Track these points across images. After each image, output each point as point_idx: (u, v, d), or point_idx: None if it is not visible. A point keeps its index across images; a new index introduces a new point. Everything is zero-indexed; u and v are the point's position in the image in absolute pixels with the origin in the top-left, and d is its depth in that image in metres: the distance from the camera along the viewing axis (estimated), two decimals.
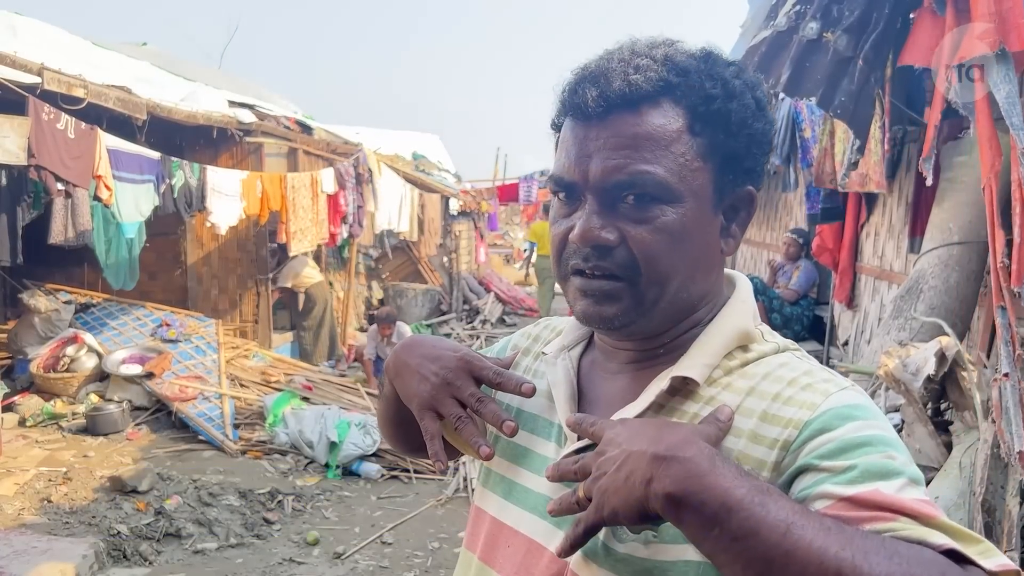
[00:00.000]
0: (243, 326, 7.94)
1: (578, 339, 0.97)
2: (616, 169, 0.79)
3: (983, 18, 2.46)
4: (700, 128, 0.80)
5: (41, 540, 4.01)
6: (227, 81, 10.24)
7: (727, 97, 0.81)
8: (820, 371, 0.81)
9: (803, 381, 0.79)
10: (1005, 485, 2.51)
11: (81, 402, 6.11)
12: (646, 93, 0.79)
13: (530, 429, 0.95)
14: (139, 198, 5.45)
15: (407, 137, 14.91)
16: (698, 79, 0.80)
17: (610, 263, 0.81)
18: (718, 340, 0.84)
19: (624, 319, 0.83)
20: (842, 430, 0.73)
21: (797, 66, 3.70)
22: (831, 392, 0.77)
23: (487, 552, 0.93)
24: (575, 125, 0.83)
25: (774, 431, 0.76)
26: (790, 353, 0.85)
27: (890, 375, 3.11)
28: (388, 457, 5.64)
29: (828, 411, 0.74)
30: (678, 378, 0.82)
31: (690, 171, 0.80)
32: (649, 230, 0.80)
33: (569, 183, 0.83)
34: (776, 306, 6.52)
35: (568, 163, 0.82)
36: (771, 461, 0.75)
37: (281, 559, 4.29)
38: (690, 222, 0.81)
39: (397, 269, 12.30)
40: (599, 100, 0.79)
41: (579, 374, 0.94)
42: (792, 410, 0.76)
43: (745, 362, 0.83)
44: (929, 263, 3.83)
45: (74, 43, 6.70)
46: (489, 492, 0.97)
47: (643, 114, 0.79)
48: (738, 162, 0.83)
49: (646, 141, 0.79)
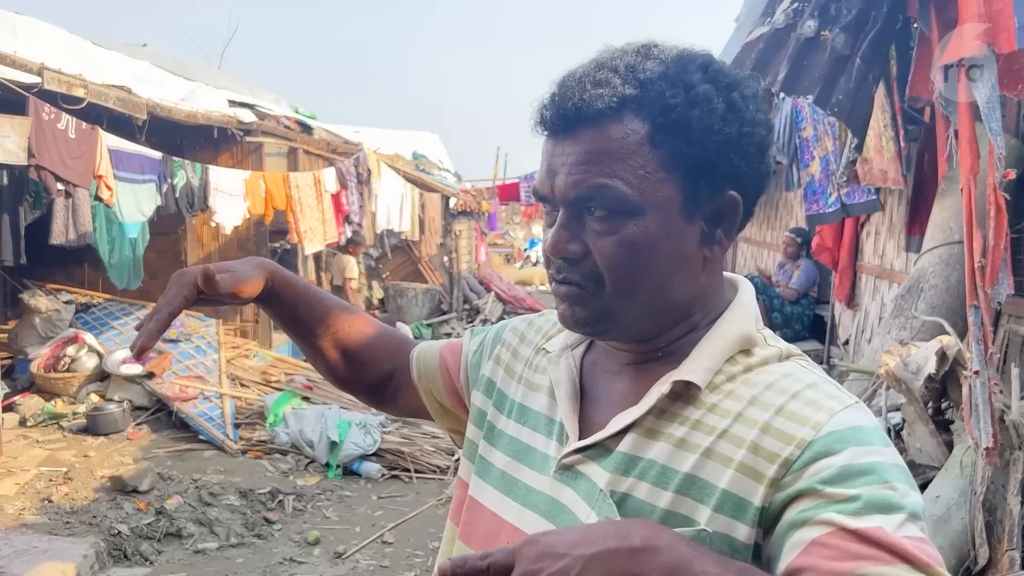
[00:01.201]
0: (243, 326, 7.95)
1: (581, 338, 0.97)
2: (576, 184, 0.80)
3: (973, 19, 2.46)
4: (661, 139, 0.79)
5: (42, 540, 4.01)
6: (227, 80, 10.24)
7: (688, 104, 0.79)
8: (824, 384, 0.81)
9: (807, 395, 0.78)
10: (1006, 484, 2.52)
11: (82, 402, 6.11)
12: (606, 108, 0.79)
13: (532, 426, 0.95)
14: (141, 198, 5.45)
15: (407, 136, 14.90)
16: (659, 88, 0.79)
17: (575, 274, 0.83)
18: (720, 344, 0.84)
19: (596, 326, 0.85)
20: (845, 455, 0.72)
21: (794, 64, 3.70)
22: (835, 411, 0.76)
23: (486, 547, 0.93)
24: (546, 140, 0.85)
25: (776, 445, 0.75)
26: (794, 361, 0.84)
27: (891, 374, 3.11)
28: (389, 457, 5.65)
29: (831, 432, 0.74)
30: (679, 382, 0.82)
31: (651, 183, 0.80)
32: (612, 242, 0.80)
33: (543, 196, 0.86)
34: (776, 305, 6.52)
35: (541, 177, 0.85)
36: (769, 476, 0.74)
37: (282, 559, 4.29)
38: (654, 234, 0.80)
39: (397, 268, 12.31)
40: (559, 117, 0.81)
41: (581, 373, 0.94)
42: (795, 427, 0.76)
43: (748, 367, 0.83)
44: (930, 262, 3.83)
45: (74, 43, 6.68)
46: (488, 484, 0.97)
47: (603, 128, 0.80)
48: (711, 168, 0.81)
49: (604, 156, 0.79)
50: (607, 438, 0.84)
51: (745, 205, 0.85)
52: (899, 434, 3.30)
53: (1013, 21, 2.41)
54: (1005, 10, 2.43)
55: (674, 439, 0.81)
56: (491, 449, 0.99)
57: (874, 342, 4.37)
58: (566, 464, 0.87)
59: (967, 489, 2.58)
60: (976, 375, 2.48)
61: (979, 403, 2.45)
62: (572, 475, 0.86)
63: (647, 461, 0.81)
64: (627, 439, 0.83)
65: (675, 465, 0.79)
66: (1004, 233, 2.49)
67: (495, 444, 0.98)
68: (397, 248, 11.95)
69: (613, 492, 0.81)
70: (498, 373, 1.04)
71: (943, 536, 2.51)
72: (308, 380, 7.00)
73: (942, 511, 2.57)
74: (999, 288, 2.58)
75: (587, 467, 0.85)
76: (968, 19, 2.48)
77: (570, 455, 0.87)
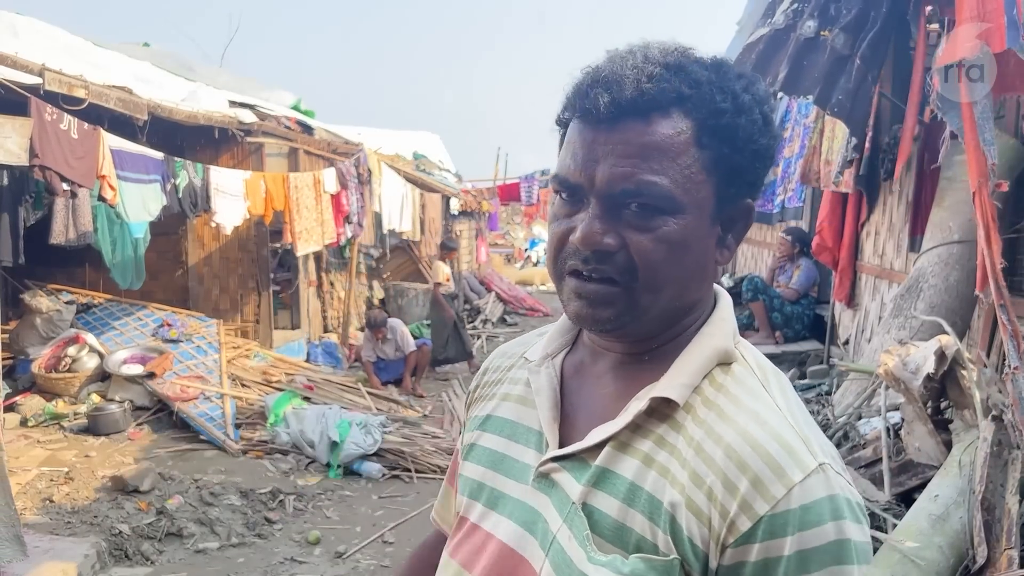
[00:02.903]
0: (244, 326, 7.96)
1: (562, 347, 0.97)
2: (623, 177, 0.79)
3: (970, 20, 2.46)
4: (707, 141, 0.80)
5: (43, 540, 4.02)
6: (228, 79, 10.25)
7: (736, 112, 0.81)
8: (789, 431, 0.78)
9: (770, 450, 0.76)
10: (1005, 483, 2.52)
11: (83, 402, 6.12)
12: (657, 103, 0.79)
13: (507, 435, 0.95)
14: (146, 198, 5.46)
15: (408, 137, 14.91)
16: (709, 92, 0.80)
17: (610, 267, 0.81)
18: (698, 360, 0.84)
19: (617, 323, 0.83)
20: (792, 540, 0.73)
21: (794, 64, 3.71)
22: (794, 483, 0.74)
23: (468, 557, 0.93)
24: (583, 128, 0.83)
25: (728, 499, 0.75)
26: (767, 397, 0.82)
27: (890, 374, 3.11)
28: (389, 456, 5.65)
29: (784, 512, 0.73)
30: (657, 399, 0.82)
31: (694, 183, 0.80)
32: (651, 239, 0.80)
33: (574, 185, 0.83)
34: (777, 305, 6.52)
35: (574, 166, 0.82)
36: (721, 537, 0.75)
37: (283, 558, 4.30)
38: (690, 233, 0.81)
39: (398, 269, 12.31)
40: (610, 106, 0.79)
41: (562, 378, 0.94)
42: (749, 487, 0.75)
43: (721, 388, 0.83)
44: (929, 262, 3.83)
45: (75, 43, 6.69)
46: (466, 498, 0.97)
47: (653, 123, 0.79)
48: (741, 176, 0.84)
49: (654, 151, 0.79)
50: (584, 450, 0.85)
51: None
52: (898, 433, 3.30)
53: (1003, 20, 2.41)
54: (996, 10, 2.43)
55: (645, 457, 0.81)
56: (466, 464, 0.99)
57: (874, 342, 4.38)
58: (543, 472, 0.87)
59: (966, 488, 2.59)
60: (1016, 370, 2.51)
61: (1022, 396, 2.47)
62: (548, 483, 0.86)
63: (618, 477, 0.81)
64: (602, 453, 0.83)
65: (643, 484, 0.80)
66: (996, 240, 2.53)
67: (470, 459, 0.99)
68: (398, 248, 11.96)
69: (584, 505, 0.82)
70: (475, 408, 1.04)
71: (942, 535, 2.51)
72: (309, 380, 7.01)
73: (941, 510, 2.57)
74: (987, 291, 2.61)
75: (561, 476, 0.85)
76: (965, 20, 2.48)
77: (547, 463, 0.87)
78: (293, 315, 8.61)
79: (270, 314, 8.06)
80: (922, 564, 2.41)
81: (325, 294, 9.36)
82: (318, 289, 9.17)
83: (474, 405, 1.05)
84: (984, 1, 2.43)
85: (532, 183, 16.72)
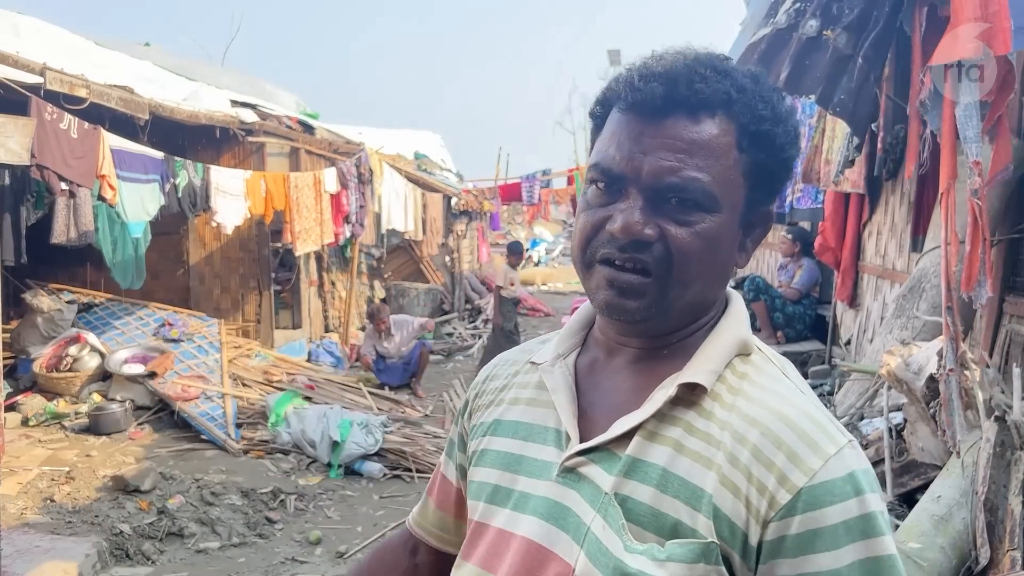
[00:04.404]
0: (245, 325, 7.96)
1: (572, 347, 0.98)
2: (670, 171, 0.81)
3: (969, 21, 2.45)
4: (747, 145, 0.84)
5: (44, 539, 4.02)
6: (230, 77, 10.25)
7: (774, 120, 0.85)
8: (817, 411, 0.82)
9: (803, 427, 0.79)
10: (1007, 484, 2.51)
11: (84, 401, 6.12)
12: (707, 103, 0.82)
13: (523, 437, 0.95)
14: (145, 197, 5.46)
15: (409, 136, 14.90)
16: (752, 99, 0.84)
17: (647, 256, 0.83)
18: (721, 349, 0.86)
19: (644, 314, 0.85)
20: (834, 510, 0.75)
21: (797, 64, 3.70)
22: (829, 455, 0.77)
23: (488, 559, 0.92)
24: (630, 119, 0.84)
25: (765, 475, 0.77)
26: (788, 382, 0.86)
27: (892, 374, 3.11)
28: (390, 456, 5.65)
29: (823, 483, 0.76)
30: (684, 385, 0.83)
31: (732, 185, 0.84)
32: (689, 232, 0.82)
33: (617, 175, 0.84)
34: (778, 305, 6.51)
35: (619, 156, 0.84)
36: (761, 512, 0.76)
37: (283, 558, 4.30)
38: (723, 232, 0.84)
39: (399, 268, 12.32)
40: (665, 100, 0.82)
41: (576, 376, 0.95)
42: (786, 461, 0.77)
43: (744, 376, 0.85)
44: (931, 262, 3.82)
45: (76, 43, 6.70)
46: (482, 503, 0.96)
47: (701, 122, 0.82)
48: (769, 182, 0.88)
49: (701, 149, 0.82)
50: (609, 441, 0.85)
51: None
52: (900, 434, 3.30)
53: (1009, 23, 2.41)
54: (1002, 11, 2.43)
55: (676, 444, 0.82)
56: (478, 469, 0.99)
57: (876, 342, 4.37)
58: (569, 467, 0.87)
59: (968, 489, 2.58)
60: (951, 372, 2.58)
61: (953, 398, 2.55)
62: (575, 477, 0.86)
63: (650, 465, 0.82)
64: (632, 442, 0.84)
65: (676, 471, 0.80)
66: (980, 239, 2.54)
67: (482, 464, 0.98)
68: (399, 248, 11.96)
69: (617, 494, 0.82)
70: (478, 415, 1.04)
71: (944, 535, 2.51)
72: (310, 380, 7.01)
73: (944, 511, 2.57)
74: (979, 291, 2.64)
75: (590, 469, 0.85)
76: (963, 20, 2.48)
77: (572, 457, 0.87)
78: (294, 315, 8.61)
79: (271, 314, 8.06)
80: (924, 565, 2.41)
81: (326, 294, 9.36)
82: (319, 289, 9.17)
83: (476, 413, 1.04)
84: (986, 3, 2.42)
85: (533, 183, 16.70)
